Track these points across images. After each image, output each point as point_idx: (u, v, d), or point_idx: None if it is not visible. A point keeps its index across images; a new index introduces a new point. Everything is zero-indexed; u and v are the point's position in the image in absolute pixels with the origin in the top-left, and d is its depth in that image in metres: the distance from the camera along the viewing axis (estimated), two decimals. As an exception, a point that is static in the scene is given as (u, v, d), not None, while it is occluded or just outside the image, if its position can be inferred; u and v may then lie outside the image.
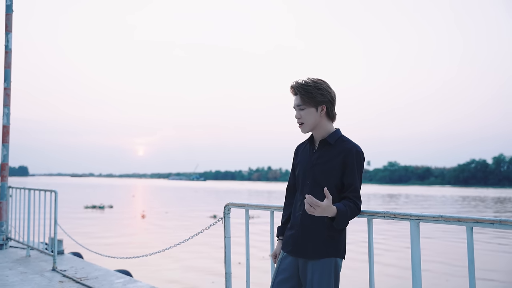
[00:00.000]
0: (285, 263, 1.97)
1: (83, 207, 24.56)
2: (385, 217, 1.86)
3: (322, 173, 1.88)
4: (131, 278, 4.50)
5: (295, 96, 1.95)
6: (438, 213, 1.69)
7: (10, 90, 6.25)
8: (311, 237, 1.87)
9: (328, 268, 1.84)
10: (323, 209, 1.67)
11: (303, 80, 1.94)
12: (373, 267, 1.96)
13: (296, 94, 1.94)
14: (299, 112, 1.93)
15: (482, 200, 41.73)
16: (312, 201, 1.67)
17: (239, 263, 7.05)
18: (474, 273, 1.61)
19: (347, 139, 1.92)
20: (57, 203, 4.97)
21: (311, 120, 1.92)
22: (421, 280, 1.76)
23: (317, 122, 1.92)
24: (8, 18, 6.24)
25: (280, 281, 1.95)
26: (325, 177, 1.87)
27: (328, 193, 1.69)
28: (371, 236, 1.96)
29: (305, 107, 1.91)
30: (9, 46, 6.25)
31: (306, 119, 1.92)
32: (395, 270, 8.89)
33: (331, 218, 1.79)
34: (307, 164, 1.95)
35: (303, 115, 1.92)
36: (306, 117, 1.92)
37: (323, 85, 1.92)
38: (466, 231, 1.63)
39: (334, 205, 1.73)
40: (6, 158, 6.19)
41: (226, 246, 2.64)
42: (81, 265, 4.98)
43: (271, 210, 2.41)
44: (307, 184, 1.93)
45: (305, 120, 1.92)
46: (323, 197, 1.77)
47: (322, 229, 1.85)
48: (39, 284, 4.13)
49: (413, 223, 1.77)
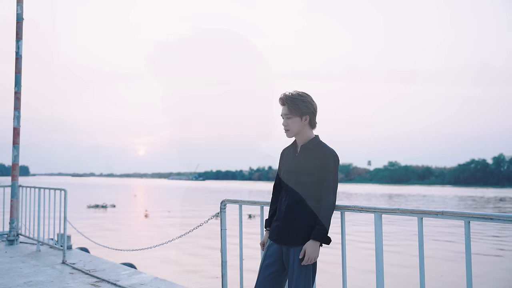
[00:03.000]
0: (271, 250, 2.31)
1: (86, 206, 24.92)
2: (354, 210, 2.21)
3: (303, 174, 2.23)
4: (136, 270, 4.86)
5: (283, 106, 2.30)
6: (396, 207, 2.03)
7: (21, 94, 6.60)
8: (293, 227, 2.22)
9: (307, 253, 2.19)
10: (312, 252, 2.09)
11: (290, 93, 2.29)
12: (345, 257, 2.31)
13: (284, 104, 2.29)
14: (286, 120, 2.28)
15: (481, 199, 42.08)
16: (306, 259, 2.13)
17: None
18: (423, 260, 1.95)
19: (324, 144, 2.27)
20: (66, 200, 5.34)
21: (295, 128, 2.27)
22: (383, 266, 2.10)
23: (300, 129, 2.27)
24: (18, 26, 6.59)
25: (267, 265, 2.30)
26: (305, 176, 2.22)
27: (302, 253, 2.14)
28: (344, 227, 2.31)
29: (292, 116, 2.26)
30: (20, 53, 6.60)
31: (292, 127, 2.27)
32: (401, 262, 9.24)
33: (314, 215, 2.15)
34: (290, 165, 2.30)
35: (290, 123, 2.27)
36: (291, 125, 2.27)
37: (307, 98, 2.28)
38: (417, 222, 1.97)
39: (312, 239, 2.12)
40: (16, 158, 6.55)
41: (222, 238, 2.99)
42: (89, 259, 5.33)
43: (261, 206, 2.76)
44: (290, 182, 2.27)
45: (291, 128, 2.28)
46: (304, 194, 2.15)
47: (303, 221, 2.20)
48: (51, 275, 4.48)
49: (377, 215, 2.12)
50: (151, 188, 70.85)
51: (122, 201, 31.37)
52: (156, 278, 4.37)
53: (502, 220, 1.67)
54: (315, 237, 2.13)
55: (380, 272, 2.08)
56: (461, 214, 1.80)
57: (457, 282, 7.91)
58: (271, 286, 2.29)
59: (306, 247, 2.13)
